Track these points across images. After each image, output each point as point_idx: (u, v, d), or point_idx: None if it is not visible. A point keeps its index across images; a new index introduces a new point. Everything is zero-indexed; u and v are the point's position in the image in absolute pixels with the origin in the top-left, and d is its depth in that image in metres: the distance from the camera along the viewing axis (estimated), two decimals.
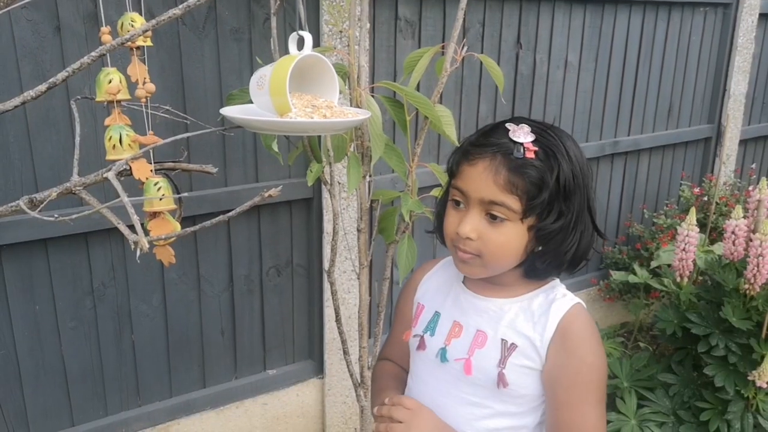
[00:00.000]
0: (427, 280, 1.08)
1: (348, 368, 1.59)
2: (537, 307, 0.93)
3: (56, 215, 0.89)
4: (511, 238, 0.87)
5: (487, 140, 0.88)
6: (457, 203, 0.91)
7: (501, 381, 0.91)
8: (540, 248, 0.89)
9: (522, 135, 0.86)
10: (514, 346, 0.91)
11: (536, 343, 0.90)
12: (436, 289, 1.05)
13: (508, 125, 0.88)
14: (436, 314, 1.01)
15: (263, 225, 2.00)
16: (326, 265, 1.98)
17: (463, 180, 0.89)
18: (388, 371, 1.12)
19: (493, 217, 0.87)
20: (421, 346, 1.00)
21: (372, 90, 1.31)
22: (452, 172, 0.93)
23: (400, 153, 1.35)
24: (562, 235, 0.88)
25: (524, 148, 0.85)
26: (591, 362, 0.89)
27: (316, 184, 1.97)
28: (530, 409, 0.94)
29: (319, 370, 2.21)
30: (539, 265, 0.91)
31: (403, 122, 1.33)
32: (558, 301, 0.92)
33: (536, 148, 0.85)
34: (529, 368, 0.91)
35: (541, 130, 0.87)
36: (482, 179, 0.86)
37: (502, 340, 0.92)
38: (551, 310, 0.91)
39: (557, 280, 0.97)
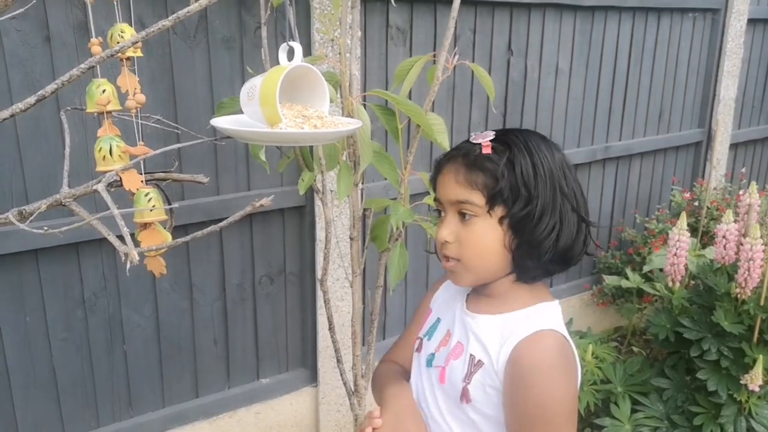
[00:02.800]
0: (445, 289, 1.10)
1: (341, 377, 1.58)
2: (509, 326, 0.90)
3: (45, 227, 0.88)
4: (483, 233, 0.89)
5: (453, 150, 0.94)
6: (439, 213, 0.96)
7: (464, 396, 0.91)
8: (515, 241, 0.89)
9: (481, 138, 0.91)
10: (480, 363, 0.90)
11: (494, 364, 0.88)
12: (446, 297, 1.07)
13: (473, 133, 0.93)
14: (438, 320, 1.05)
15: (255, 233, 1.99)
16: (319, 273, 1.98)
17: (437, 190, 0.95)
18: (391, 369, 1.12)
19: (464, 216, 0.90)
20: (419, 348, 1.05)
21: (364, 98, 1.32)
22: (433, 189, 0.98)
23: (392, 161, 1.35)
24: (532, 223, 0.87)
25: (481, 146, 0.89)
26: (538, 394, 0.84)
27: (308, 192, 1.97)
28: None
29: (313, 378, 2.21)
30: (521, 260, 0.90)
31: (394, 130, 1.33)
32: (526, 323, 0.89)
33: (492, 146, 0.89)
34: (491, 387, 0.89)
35: (505, 132, 0.91)
36: (447, 182, 0.91)
37: (471, 355, 0.92)
38: (514, 333, 0.88)
39: (552, 302, 0.94)
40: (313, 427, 2.26)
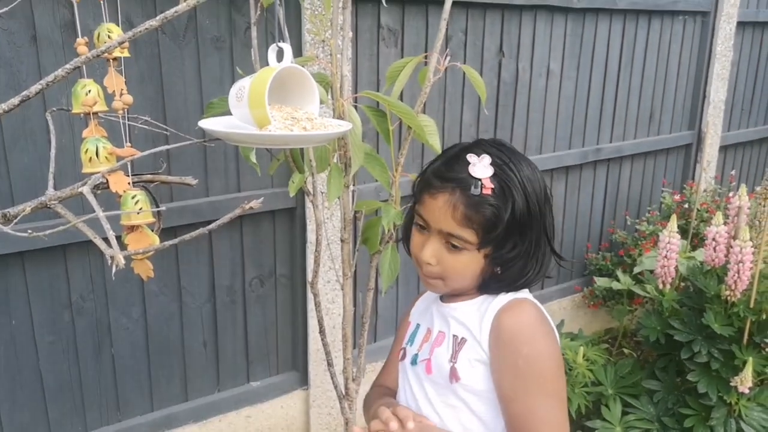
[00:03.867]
0: (421, 301, 1.13)
1: (332, 380, 1.57)
2: (486, 303, 0.96)
3: (30, 230, 0.87)
4: (468, 264, 0.92)
5: (448, 174, 0.92)
6: (421, 228, 0.96)
7: (453, 375, 0.94)
8: (498, 270, 0.94)
9: (480, 169, 0.89)
10: (464, 340, 0.95)
11: (477, 337, 0.93)
12: (422, 307, 1.11)
13: (469, 157, 0.90)
14: (417, 326, 1.08)
15: (246, 235, 1.97)
16: (310, 275, 1.97)
17: (424, 209, 0.94)
18: (381, 392, 1.14)
19: (453, 246, 0.92)
20: (403, 356, 1.07)
21: (355, 100, 1.31)
22: (417, 197, 0.98)
23: (384, 162, 1.34)
24: (517, 261, 0.92)
25: (482, 184, 0.88)
26: (527, 354, 0.89)
27: (299, 194, 1.96)
28: (498, 411, 0.94)
29: (304, 381, 2.19)
30: (494, 285, 0.95)
31: (386, 132, 1.32)
32: (503, 296, 0.95)
33: (493, 186, 0.88)
34: (478, 361, 0.93)
35: (501, 163, 0.90)
36: (441, 213, 0.91)
37: (454, 336, 0.96)
38: (491, 306, 0.94)
39: (524, 291, 1.00)
40: (304, 430, 2.24)
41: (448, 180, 0.91)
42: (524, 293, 0.97)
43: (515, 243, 0.91)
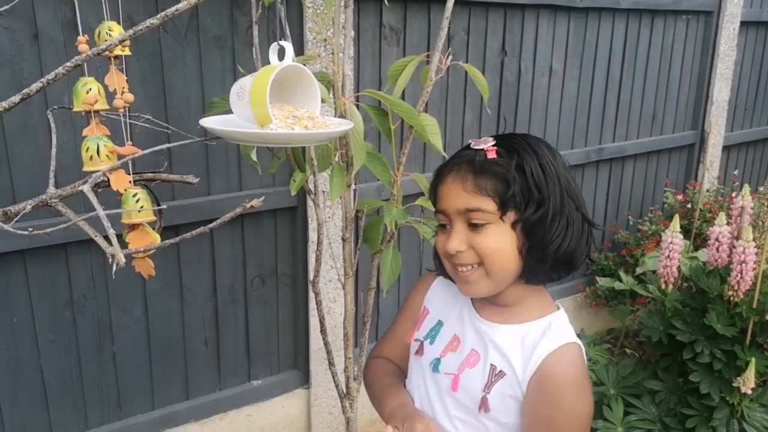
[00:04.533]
0: (438, 286, 1.06)
1: (333, 379, 1.57)
2: (530, 338, 0.90)
3: (31, 228, 0.86)
4: (499, 238, 0.86)
5: (452, 158, 0.91)
6: (444, 226, 0.92)
7: (483, 405, 0.90)
8: (527, 245, 0.88)
9: (482, 143, 0.89)
10: (502, 373, 0.90)
11: (519, 376, 0.89)
12: (444, 298, 1.04)
13: (471, 140, 0.91)
14: (439, 323, 1.01)
15: (247, 234, 1.97)
16: (311, 274, 1.97)
17: (440, 201, 0.91)
18: (387, 370, 1.10)
19: (475, 225, 0.87)
20: (420, 351, 1.01)
21: (357, 99, 1.30)
22: (432, 200, 0.94)
23: (385, 162, 1.34)
24: (545, 225, 0.86)
25: (485, 151, 0.87)
26: (567, 410, 0.86)
27: (300, 193, 1.96)
28: None
29: (305, 380, 2.19)
30: (532, 264, 0.88)
31: (387, 131, 1.32)
32: (550, 335, 0.89)
33: (496, 149, 0.87)
34: (512, 397, 0.89)
35: (504, 136, 0.90)
36: (453, 191, 0.88)
37: (492, 365, 0.91)
38: (540, 344, 0.88)
39: (561, 311, 0.95)
40: (305, 429, 2.24)
41: (455, 162, 0.89)
42: (571, 332, 0.92)
43: (537, 204, 0.85)
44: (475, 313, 0.96)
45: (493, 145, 0.88)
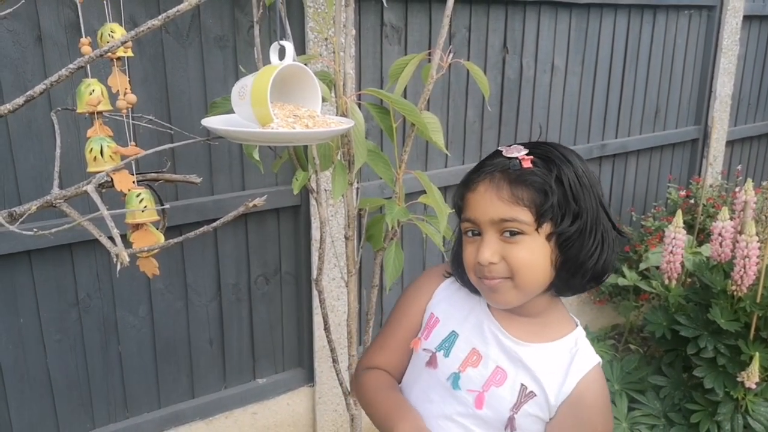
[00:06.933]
0: (444, 290, 1.00)
1: (338, 377, 1.58)
2: (561, 359, 0.90)
3: (35, 229, 0.87)
4: (533, 251, 0.84)
5: (482, 165, 0.87)
6: (473, 233, 0.88)
7: (510, 425, 0.89)
8: (561, 258, 0.85)
9: (515, 151, 0.86)
10: (532, 394, 0.89)
11: (550, 398, 0.88)
12: (453, 304, 0.98)
13: (501, 147, 0.88)
14: (453, 334, 0.95)
15: (251, 233, 1.98)
16: (315, 272, 1.97)
17: (469, 209, 0.87)
18: (389, 385, 1.01)
19: (511, 234, 0.84)
20: (432, 363, 0.95)
21: (359, 97, 1.31)
22: (459, 208, 0.90)
23: (387, 160, 1.34)
24: (582, 239, 0.84)
25: (520, 160, 0.84)
26: (599, 430, 0.89)
27: (303, 192, 1.96)
28: None
29: (310, 378, 2.20)
30: (566, 277, 0.87)
31: (389, 129, 1.32)
32: (580, 356, 0.90)
33: (531, 157, 0.84)
34: (539, 418, 0.89)
35: (535, 145, 0.87)
36: (486, 200, 0.84)
37: (522, 385, 0.89)
38: (572, 367, 0.89)
39: (580, 328, 0.95)
40: (310, 427, 2.25)
41: (488, 171, 0.86)
42: (593, 351, 0.92)
43: (575, 215, 0.83)
44: (500, 328, 0.92)
45: (527, 154, 0.85)
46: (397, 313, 1.04)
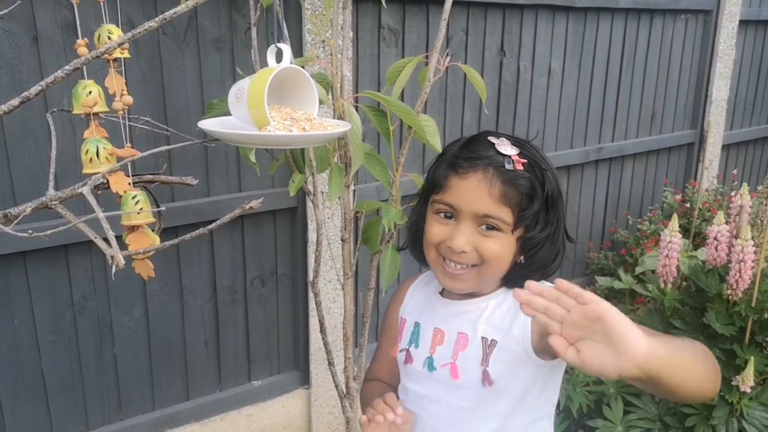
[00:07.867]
0: (412, 295, 1.08)
1: (333, 379, 1.57)
2: (511, 300, 0.93)
3: (30, 231, 0.87)
4: (504, 247, 0.88)
5: (474, 153, 0.88)
6: (445, 216, 0.90)
7: (486, 379, 0.91)
8: (521, 258, 0.90)
9: (507, 147, 0.88)
10: (494, 342, 0.91)
11: (517, 336, 0.89)
12: (417, 301, 1.06)
13: (491, 138, 0.89)
14: (416, 325, 1.02)
15: (247, 235, 1.98)
16: (311, 275, 1.97)
17: (452, 194, 0.89)
18: (378, 390, 1.09)
19: (487, 228, 0.87)
20: (408, 359, 1.00)
21: (356, 100, 1.31)
22: (437, 185, 0.92)
23: (384, 162, 1.34)
24: (546, 244, 0.89)
25: (513, 160, 0.86)
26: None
27: (299, 194, 1.96)
28: (520, 408, 0.93)
29: (305, 380, 2.20)
30: (519, 273, 0.91)
31: (386, 132, 1.32)
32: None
33: (524, 160, 0.87)
34: (510, 361, 0.90)
35: (521, 143, 0.90)
36: (477, 193, 0.86)
37: (482, 338, 0.92)
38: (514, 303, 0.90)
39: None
40: (306, 429, 2.25)
41: (477, 158, 0.87)
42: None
43: (545, 223, 0.88)
44: (445, 300, 0.99)
45: (518, 155, 0.87)
46: (383, 327, 1.13)
